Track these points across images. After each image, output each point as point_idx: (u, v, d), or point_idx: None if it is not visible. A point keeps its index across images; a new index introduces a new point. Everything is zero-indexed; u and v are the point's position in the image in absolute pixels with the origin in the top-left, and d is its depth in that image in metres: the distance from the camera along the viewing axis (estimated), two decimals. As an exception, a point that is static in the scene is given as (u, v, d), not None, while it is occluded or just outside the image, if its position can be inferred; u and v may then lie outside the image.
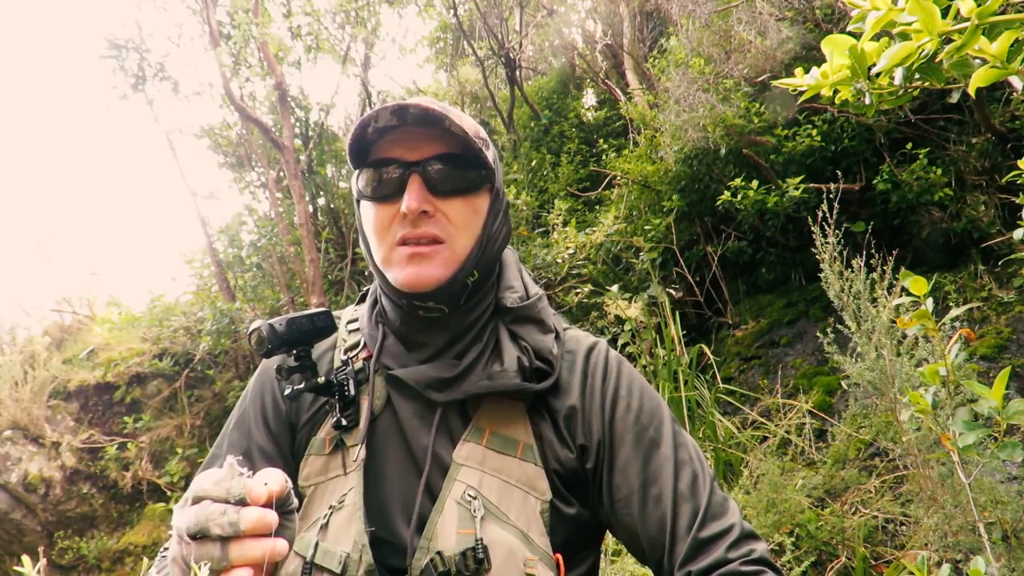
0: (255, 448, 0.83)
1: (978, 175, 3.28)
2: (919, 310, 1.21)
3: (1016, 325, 2.71)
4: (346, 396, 0.80)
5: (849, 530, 2.09)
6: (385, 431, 0.80)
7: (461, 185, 0.77)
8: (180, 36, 5.31)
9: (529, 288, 0.87)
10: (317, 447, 0.81)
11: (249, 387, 0.90)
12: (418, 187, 0.75)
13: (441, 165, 0.76)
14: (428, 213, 0.75)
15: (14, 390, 4.86)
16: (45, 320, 5.99)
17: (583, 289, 3.73)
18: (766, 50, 3.55)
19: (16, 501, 4.58)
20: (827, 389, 2.95)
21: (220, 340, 4.58)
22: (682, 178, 4.16)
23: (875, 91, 0.79)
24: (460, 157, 0.77)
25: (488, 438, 0.77)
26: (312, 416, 0.84)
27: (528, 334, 0.81)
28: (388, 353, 0.83)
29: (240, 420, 0.86)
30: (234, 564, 0.52)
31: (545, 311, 0.85)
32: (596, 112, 6.62)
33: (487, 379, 0.77)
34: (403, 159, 0.76)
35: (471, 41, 6.20)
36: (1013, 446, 1.02)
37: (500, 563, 0.69)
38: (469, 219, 0.78)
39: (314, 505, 0.78)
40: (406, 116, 0.74)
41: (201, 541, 0.52)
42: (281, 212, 4.98)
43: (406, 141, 0.77)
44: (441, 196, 0.76)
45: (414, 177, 0.75)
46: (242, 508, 0.53)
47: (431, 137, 0.76)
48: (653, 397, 0.83)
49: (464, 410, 0.80)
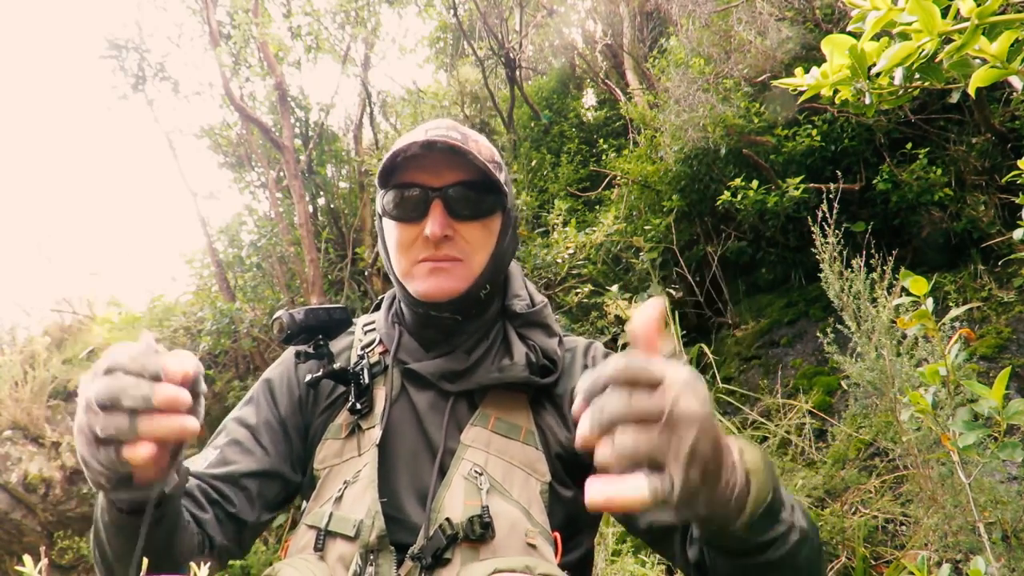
0: (262, 423, 0.89)
1: (978, 175, 3.28)
2: (919, 310, 1.21)
3: (1016, 325, 2.71)
4: (361, 384, 0.87)
5: (849, 530, 2.09)
6: (399, 417, 0.86)
7: (478, 210, 0.84)
8: (180, 36, 5.31)
9: (534, 296, 0.95)
10: (334, 432, 0.87)
11: (263, 375, 0.96)
12: (440, 212, 0.82)
13: (461, 191, 0.83)
14: (449, 237, 0.83)
15: (14, 390, 4.86)
16: (45, 320, 6.00)
17: (583, 289, 3.73)
18: (766, 50, 3.55)
19: (16, 501, 4.58)
20: (827, 389, 2.95)
21: (220, 340, 4.57)
22: (682, 178, 4.16)
23: (875, 91, 0.79)
24: (478, 183, 0.84)
25: (494, 423, 0.84)
26: (329, 404, 0.91)
27: (535, 336, 0.89)
28: (404, 349, 0.90)
29: (250, 399, 0.93)
30: (141, 437, 0.52)
31: (549, 317, 0.94)
32: (596, 112, 6.62)
33: (497, 371, 0.85)
34: (427, 184, 0.83)
35: (471, 41, 6.19)
36: (1013, 446, 1.02)
37: (504, 532, 0.73)
38: (484, 240, 0.86)
39: (328, 484, 0.83)
40: (434, 149, 0.80)
41: (110, 411, 0.52)
42: (281, 212, 4.97)
43: (430, 167, 0.83)
44: (460, 220, 0.84)
45: (437, 202, 0.82)
46: (156, 383, 0.53)
47: (453, 164, 0.83)
48: None
49: (471, 400, 0.86)
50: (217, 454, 0.85)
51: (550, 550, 0.75)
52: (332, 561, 0.74)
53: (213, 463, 0.84)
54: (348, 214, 5.43)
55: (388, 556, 0.73)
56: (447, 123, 0.85)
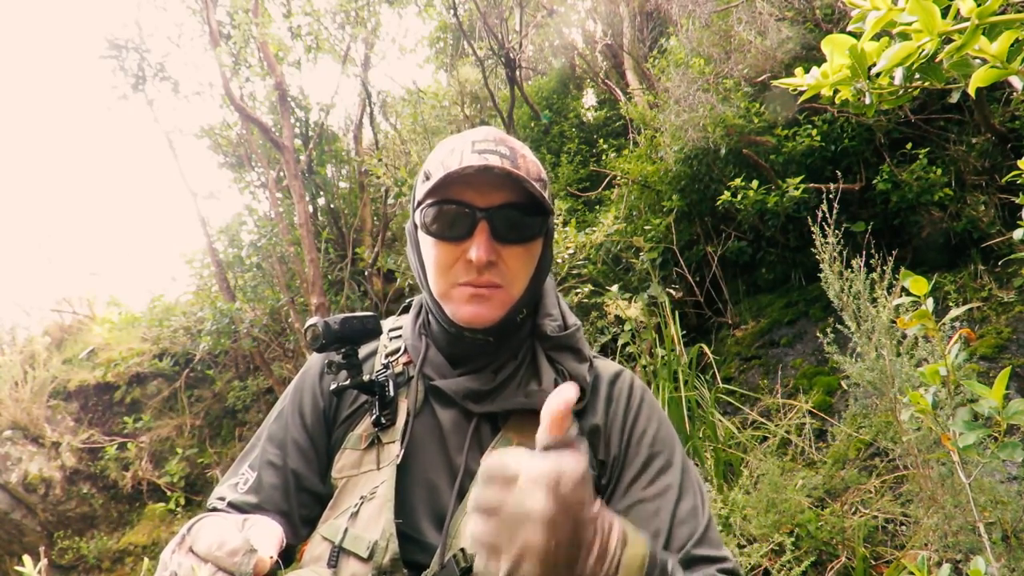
0: (290, 441, 0.88)
1: (978, 175, 3.28)
2: (919, 310, 1.21)
3: (1016, 325, 2.71)
4: (386, 396, 0.85)
5: (849, 530, 2.09)
6: (420, 433, 0.85)
7: (524, 234, 0.81)
8: (180, 36, 5.32)
9: (567, 318, 0.92)
10: (353, 442, 0.86)
11: (291, 385, 0.96)
12: (486, 236, 0.78)
13: (509, 214, 0.79)
14: (493, 262, 0.79)
15: (14, 390, 4.86)
16: (45, 320, 6.00)
17: (583, 289, 3.73)
18: (766, 50, 3.55)
19: (16, 501, 4.58)
20: (827, 389, 2.95)
21: (220, 340, 4.57)
22: (682, 178, 4.16)
23: (875, 91, 0.79)
24: (525, 206, 0.80)
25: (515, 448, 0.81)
26: (351, 413, 0.89)
27: (565, 361, 0.86)
28: (430, 364, 0.88)
29: (279, 415, 0.92)
30: None
31: (582, 341, 0.90)
32: (596, 112, 6.62)
33: (523, 396, 0.82)
34: (474, 204, 0.78)
35: (471, 41, 6.19)
36: (1013, 446, 1.02)
37: None
38: (527, 264, 0.83)
39: (345, 496, 0.83)
40: (490, 174, 0.77)
41: None
42: (281, 212, 4.97)
43: (477, 185, 0.79)
44: (505, 243, 0.80)
45: (482, 224, 0.78)
46: None
47: (502, 184, 0.79)
48: (669, 428, 0.88)
49: (495, 422, 0.84)
50: (254, 478, 0.86)
51: None
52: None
53: (251, 488, 0.85)
54: (348, 214, 5.43)
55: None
56: (494, 134, 0.82)
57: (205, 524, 0.63)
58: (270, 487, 0.85)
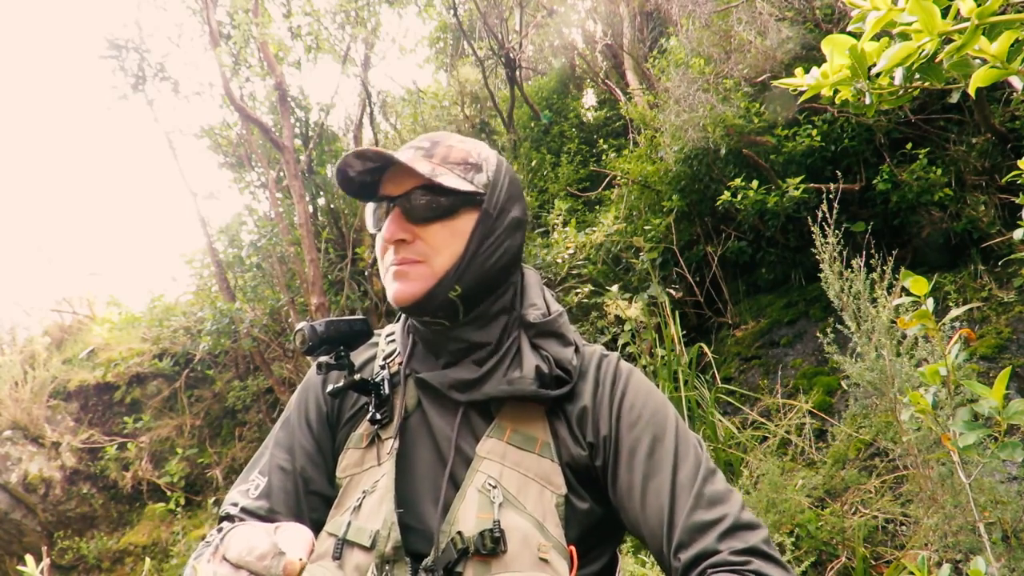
0: (297, 446, 0.92)
1: (978, 175, 3.28)
2: (919, 310, 1.21)
3: (1016, 325, 2.71)
4: (381, 395, 0.89)
5: (849, 530, 2.09)
6: (415, 427, 0.88)
7: (438, 211, 0.84)
8: (180, 36, 5.31)
9: (551, 305, 0.95)
10: (355, 441, 0.90)
11: (295, 392, 0.99)
12: (394, 219, 0.84)
13: (418, 196, 0.84)
14: (407, 240, 0.84)
15: (14, 390, 4.86)
16: (45, 320, 6.00)
17: (583, 289, 3.73)
18: (766, 50, 3.55)
19: (16, 501, 4.58)
20: (827, 389, 2.95)
21: (220, 340, 4.57)
22: (682, 178, 4.16)
23: (875, 91, 0.79)
24: (438, 186, 0.84)
25: (509, 435, 0.84)
26: (353, 415, 0.93)
27: (549, 346, 0.88)
28: (416, 359, 0.93)
29: (286, 420, 0.96)
30: None
31: (566, 326, 0.92)
32: (596, 112, 6.62)
33: (506, 384, 0.84)
34: (388, 194, 0.86)
35: (471, 41, 6.20)
36: (1013, 446, 1.02)
37: (516, 547, 0.74)
38: (448, 240, 0.85)
39: (348, 494, 0.86)
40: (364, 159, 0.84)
41: None
42: (281, 212, 4.97)
43: (394, 178, 0.87)
44: (420, 223, 0.84)
45: (395, 210, 0.84)
46: None
47: (408, 172, 0.85)
48: (658, 397, 0.88)
49: (488, 411, 0.87)
50: (264, 483, 0.88)
51: (564, 564, 0.75)
52: (349, 570, 0.77)
53: (262, 493, 0.87)
54: (348, 214, 5.43)
55: (403, 567, 0.76)
56: (432, 135, 0.89)
57: (236, 532, 0.64)
58: (281, 491, 0.87)
